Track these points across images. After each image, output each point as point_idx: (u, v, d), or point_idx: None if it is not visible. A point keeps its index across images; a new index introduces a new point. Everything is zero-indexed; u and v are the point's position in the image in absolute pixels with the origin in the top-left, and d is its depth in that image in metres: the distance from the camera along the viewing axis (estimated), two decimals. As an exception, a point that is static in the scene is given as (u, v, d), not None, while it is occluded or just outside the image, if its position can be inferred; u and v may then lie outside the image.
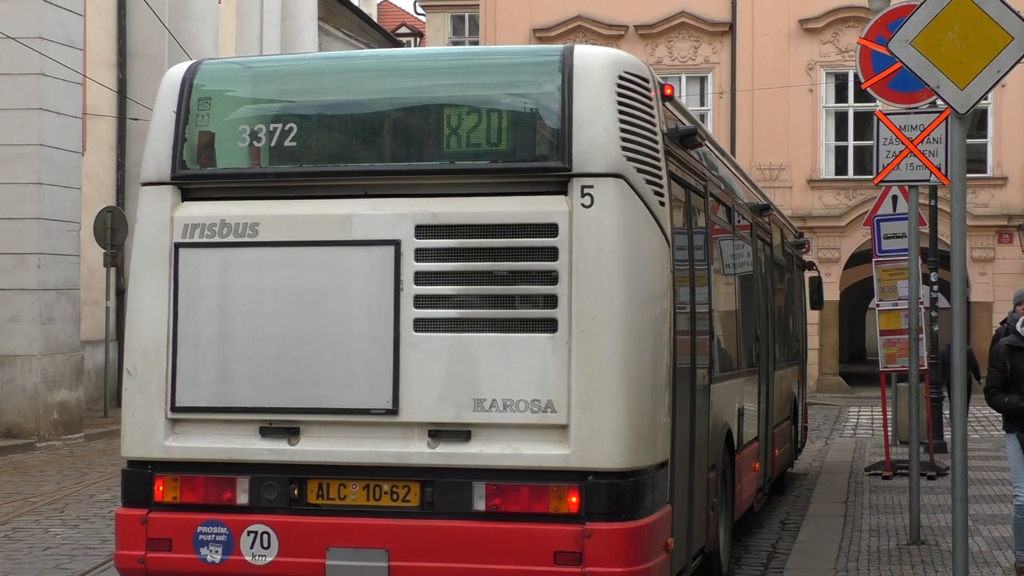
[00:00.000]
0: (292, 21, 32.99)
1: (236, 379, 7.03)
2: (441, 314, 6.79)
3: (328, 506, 6.90)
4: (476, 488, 6.73)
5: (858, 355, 52.13)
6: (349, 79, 7.55)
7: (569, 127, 6.72)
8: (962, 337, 7.73)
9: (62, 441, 19.72)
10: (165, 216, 7.12)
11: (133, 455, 7.38)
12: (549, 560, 6.57)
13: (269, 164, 7.14)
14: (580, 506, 6.58)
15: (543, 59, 7.15)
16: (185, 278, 7.07)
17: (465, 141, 6.91)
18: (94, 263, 23.28)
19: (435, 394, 6.76)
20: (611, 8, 32.79)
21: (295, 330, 6.94)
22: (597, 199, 6.64)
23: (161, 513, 7.12)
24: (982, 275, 31.07)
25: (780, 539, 11.48)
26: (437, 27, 48.98)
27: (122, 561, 7.22)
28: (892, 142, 10.91)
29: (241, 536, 6.94)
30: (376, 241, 6.84)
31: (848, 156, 32.09)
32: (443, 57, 8.62)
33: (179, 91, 7.24)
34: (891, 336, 14.62)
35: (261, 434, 7.00)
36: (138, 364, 7.26)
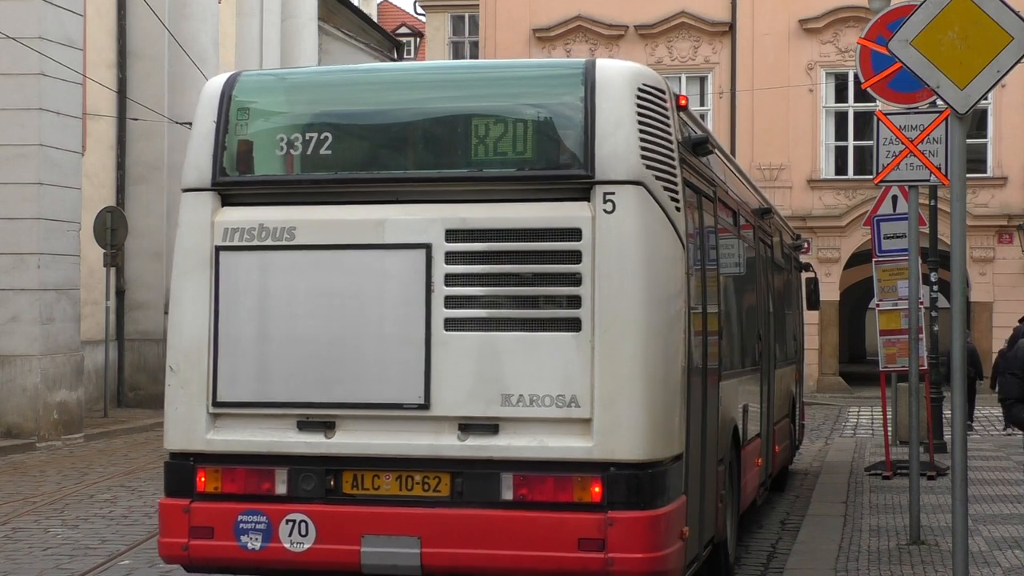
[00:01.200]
0: (292, 21, 32.99)
1: (274, 376, 7.36)
2: (470, 314, 7.13)
3: (362, 496, 7.24)
4: (504, 479, 7.06)
5: (858, 355, 52.13)
6: (381, 90, 7.91)
7: (592, 137, 7.07)
8: (962, 337, 7.74)
9: (62, 441, 19.72)
10: (206, 221, 7.48)
11: (175, 448, 7.56)
12: (573, 547, 6.90)
13: (305, 171, 7.44)
14: (602, 496, 6.91)
15: (566, 72, 7.54)
16: (225, 280, 7.43)
17: (492, 150, 7.26)
18: (94, 263, 23.27)
19: (465, 390, 7.10)
20: (611, 8, 32.79)
21: (330, 329, 7.28)
22: (619, 205, 7.00)
23: (203, 503, 7.41)
24: (982, 275, 31.07)
25: (780, 539, 11.48)
26: (437, 27, 48.97)
27: (166, 548, 7.54)
28: (892, 142, 10.91)
29: (280, 524, 7.26)
30: (408, 245, 7.18)
31: (848, 156, 32.10)
32: (471, 69, 8.98)
33: (218, 102, 7.57)
34: (891, 336, 14.61)
35: (298, 428, 7.32)
36: (180, 362, 7.50)
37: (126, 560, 10.61)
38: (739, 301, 10.57)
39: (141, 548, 11.12)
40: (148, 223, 25.52)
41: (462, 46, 48.82)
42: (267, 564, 7.41)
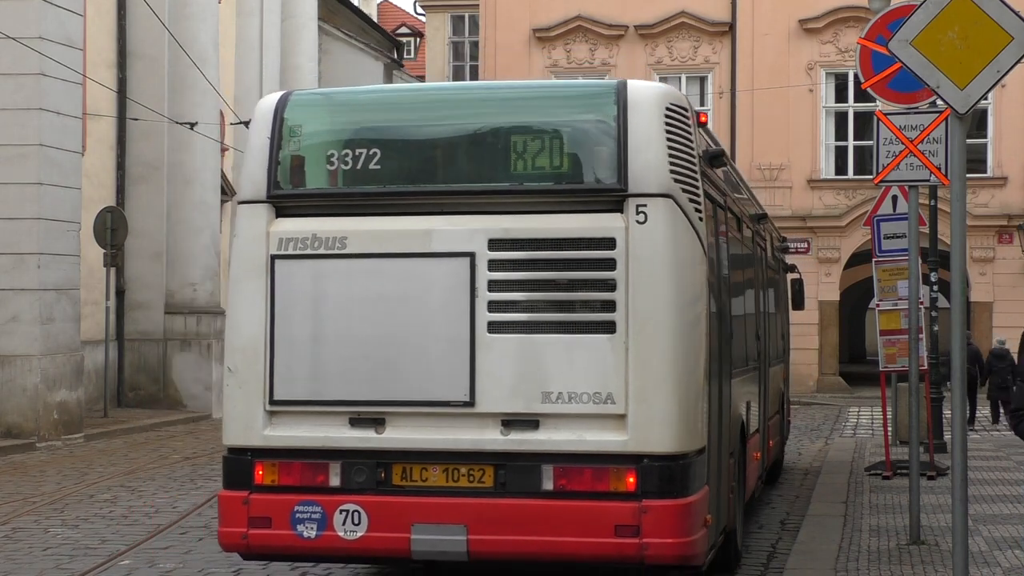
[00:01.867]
0: (292, 21, 32.98)
1: (328, 375, 7.89)
2: (512, 317, 7.70)
3: (411, 487, 7.79)
4: (544, 470, 7.63)
5: (858, 355, 52.12)
6: (425, 108, 8.50)
7: (625, 153, 7.65)
8: (962, 337, 7.74)
9: (62, 441, 19.72)
10: (261, 231, 8.00)
11: (234, 443, 8.13)
12: (610, 533, 7.48)
13: (355, 185, 7.99)
14: (637, 485, 7.50)
15: (600, 92, 8.16)
16: (281, 286, 7.93)
17: (531, 164, 7.85)
18: (94, 263, 23.27)
19: (507, 388, 7.67)
20: (611, 8, 32.79)
21: (380, 332, 7.84)
22: (650, 216, 7.59)
23: (261, 494, 7.95)
24: (982, 275, 31.07)
25: (780, 539, 11.48)
26: (437, 27, 48.96)
27: (226, 538, 8.10)
28: (892, 142, 10.91)
29: (334, 514, 7.79)
30: (453, 253, 7.76)
31: (848, 156, 32.10)
32: (509, 89, 9.65)
33: (272, 119, 8.10)
34: (891, 336, 14.61)
35: (351, 424, 7.86)
36: (238, 362, 8.01)
37: (126, 560, 10.62)
38: (744, 303, 10.96)
39: (141, 548, 11.13)
40: (148, 223, 25.51)
41: (462, 46, 48.81)
42: (322, 552, 7.97)
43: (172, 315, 25.82)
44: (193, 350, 25.60)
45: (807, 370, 31.60)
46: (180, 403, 25.33)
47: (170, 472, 16.43)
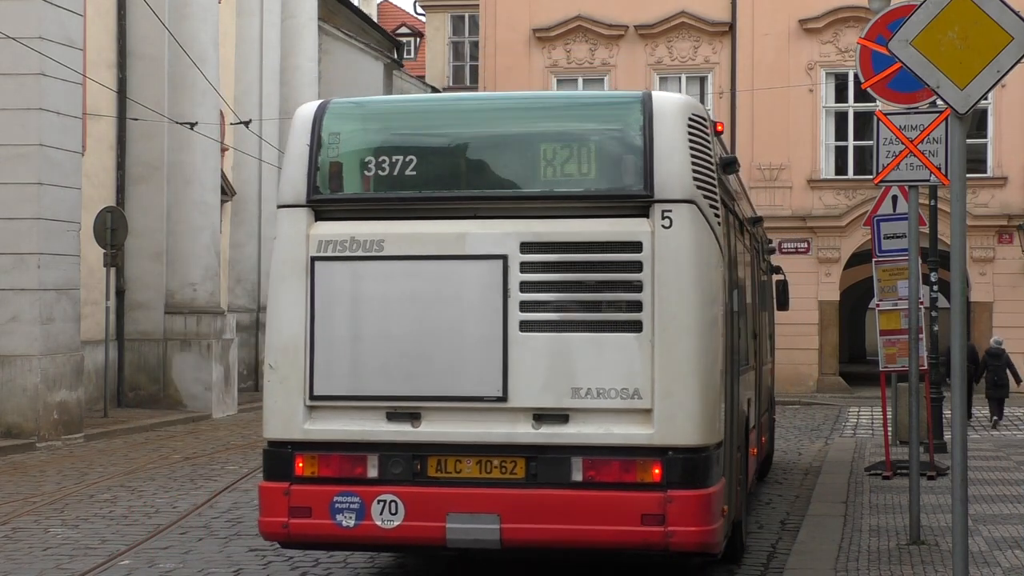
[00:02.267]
0: (292, 21, 32.98)
1: (366, 372, 8.27)
2: (543, 317, 8.10)
3: (446, 478, 8.17)
4: (574, 462, 8.02)
5: (858, 355, 52.11)
6: (458, 117, 8.96)
7: (651, 161, 8.06)
8: (962, 337, 7.73)
9: (62, 441, 19.72)
10: (301, 234, 8.41)
11: (275, 437, 8.41)
12: (637, 521, 7.90)
13: (392, 190, 8.38)
14: (662, 476, 7.91)
15: (626, 102, 8.52)
16: (320, 286, 8.32)
17: (560, 171, 8.26)
18: (94, 263, 23.26)
19: (538, 384, 8.06)
20: (611, 8, 32.78)
21: (416, 330, 8.22)
22: (675, 221, 8.00)
23: (301, 486, 8.28)
24: (982, 275, 31.07)
25: (780, 539, 11.48)
26: (437, 27, 48.96)
27: (267, 527, 8.44)
28: (892, 142, 10.91)
29: (372, 504, 8.18)
30: (487, 256, 8.14)
31: (848, 156, 32.09)
32: (539, 99, 10.42)
33: (311, 127, 8.50)
34: (891, 336, 14.60)
35: (387, 418, 8.25)
36: (279, 360, 8.38)
37: (126, 560, 10.62)
38: (745, 303, 11.26)
39: (141, 548, 11.13)
40: (148, 223, 25.50)
41: (462, 46, 48.81)
42: (360, 540, 8.34)
43: (172, 315, 25.81)
44: (193, 350, 25.59)
45: (807, 370, 31.60)
46: (180, 403, 25.32)
47: (170, 472, 16.43)
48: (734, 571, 10.12)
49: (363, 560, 10.56)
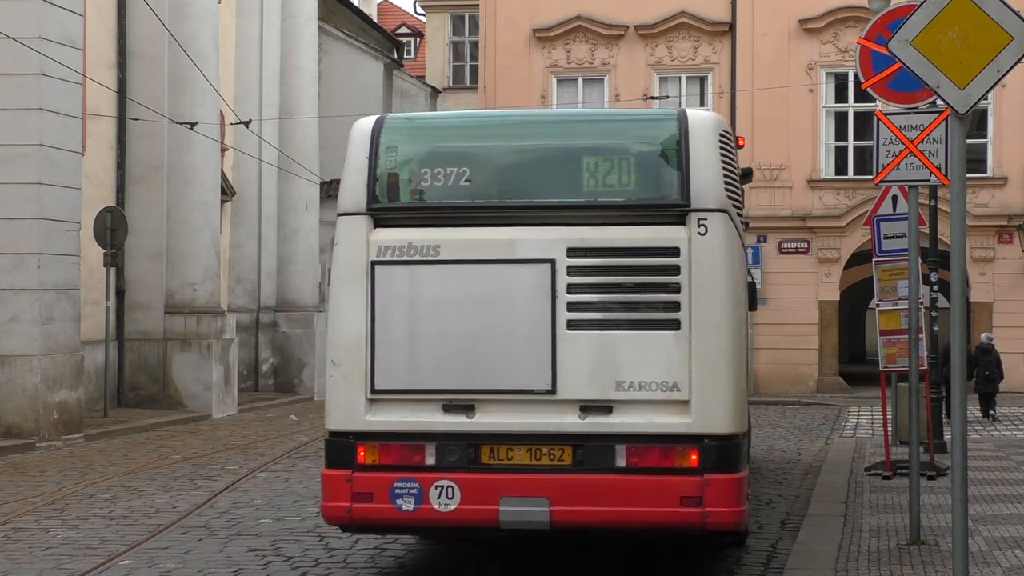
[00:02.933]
0: (292, 21, 32.97)
1: (423, 367, 8.85)
2: (588, 316, 8.71)
3: (498, 465, 8.74)
4: (618, 450, 8.65)
5: (858, 355, 52.11)
6: (508, 132, 9.72)
7: (687, 173, 8.77)
8: (962, 337, 7.74)
9: (62, 441, 19.71)
10: (362, 240, 8.97)
11: (337, 428, 8.95)
12: (676, 503, 8.53)
13: (447, 199, 9.00)
14: (699, 462, 8.54)
15: (663, 119, 9.32)
16: (380, 288, 8.89)
17: (602, 182, 8.93)
18: (94, 263, 23.26)
19: (584, 378, 8.68)
20: (611, 8, 32.79)
21: (470, 329, 8.82)
22: (710, 228, 8.69)
23: (363, 473, 8.82)
24: (982, 275, 31.07)
25: (780, 539, 11.48)
26: (437, 27, 48.96)
27: (330, 511, 8.99)
28: (892, 142, 10.90)
29: (430, 489, 8.73)
30: (536, 260, 8.77)
31: (848, 156, 32.10)
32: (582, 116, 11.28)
33: (369, 141, 9.10)
34: (891, 336, 14.59)
35: (444, 410, 8.83)
36: (342, 356, 8.93)
37: (126, 560, 10.62)
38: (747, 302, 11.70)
39: (141, 548, 11.13)
40: (148, 223, 25.49)
41: (462, 46, 48.80)
42: (419, 523, 8.90)
43: (172, 315, 25.80)
44: (193, 350, 25.59)
45: (807, 370, 31.61)
46: (180, 403, 25.32)
47: (170, 472, 16.43)
48: (734, 571, 10.14)
49: (363, 560, 10.57)
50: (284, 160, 31.08)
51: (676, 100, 32.51)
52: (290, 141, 32.04)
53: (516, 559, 10.58)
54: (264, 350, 31.76)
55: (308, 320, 32.31)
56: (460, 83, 48.32)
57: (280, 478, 15.70)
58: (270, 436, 21.39)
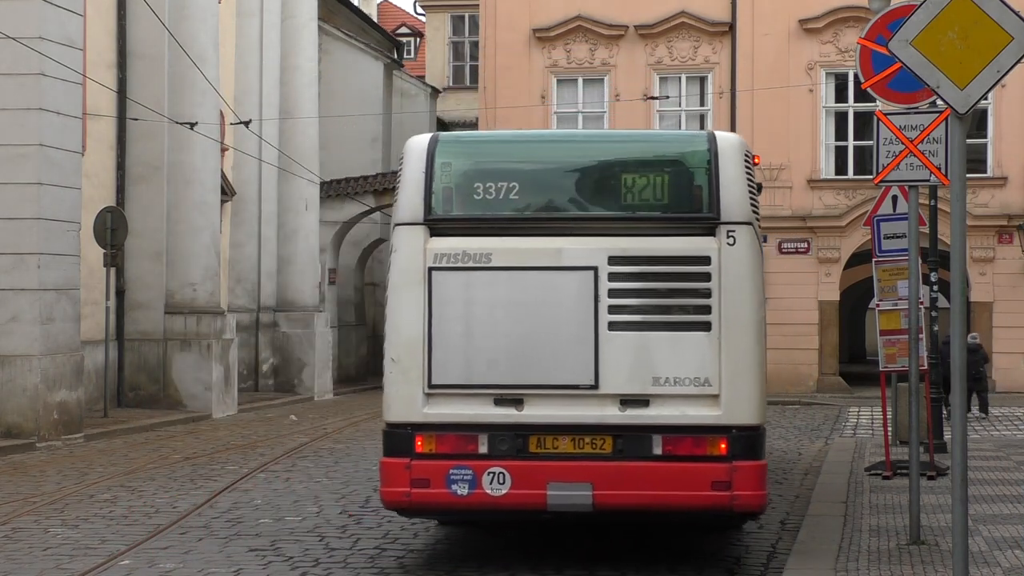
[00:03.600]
0: (292, 21, 32.95)
1: (476, 365, 9.65)
2: (628, 318, 9.56)
3: (545, 453, 9.55)
4: (655, 439, 9.49)
5: (858, 355, 52.11)
6: (554, 150, 10.59)
7: (717, 189, 9.64)
8: (962, 337, 7.73)
9: (62, 441, 19.71)
10: (419, 248, 9.73)
11: (396, 420, 9.73)
12: (708, 487, 9.40)
13: (498, 211, 9.79)
14: (728, 450, 9.42)
15: (695, 140, 10.28)
16: (436, 292, 9.67)
17: (639, 197, 9.79)
18: (94, 263, 23.25)
19: (624, 374, 9.53)
20: (611, 8, 32.78)
21: (519, 330, 9.64)
22: (738, 240, 9.57)
23: (420, 461, 9.58)
24: (982, 275, 31.07)
25: (780, 539, 11.48)
26: (437, 27, 48.96)
27: (390, 496, 9.77)
28: (892, 142, 10.90)
29: (483, 476, 9.51)
30: (580, 267, 9.61)
31: (848, 156, 32.10)
32: (620, 136, 12.20)
33: (425, 157, 9.87)
34: (891, 336, 14.59)
35: (495, 403, 9.62)
36: (401, 354, 9.71)
37: (126, 560, 10.62)
38: None
39: (141, 548, 11.13)
40: (148, 223, 25.48)
41: (462, 46, 48.80)
42: (473, 506, 9.62)
43: (172, 315, 25.79)
44: (193, 350, 25.58)
45: (807, 370, 31.61)
46: (180, 403, 25.31)
47: (170, 472, 16.43)
48: (734, 571, 10.13)
49: (363, 560, 10.57)
50: (284, 160, 31.07)
51: (676, 100, 32.53)
52: (290, 141, 32.03)
53: (516, 560, 10.58)
54: (264, 350, 31.75)
55: (308, 320, 32.30)
56: (460, 83, 48.33)
57: (280, 478, 15.70)
58: (270, 436, 21.39)
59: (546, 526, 11.40)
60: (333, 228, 35.81)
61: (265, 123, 30.23)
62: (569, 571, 10.11)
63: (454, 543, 11.32)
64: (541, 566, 10.29)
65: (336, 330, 35.65)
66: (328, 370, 32.89)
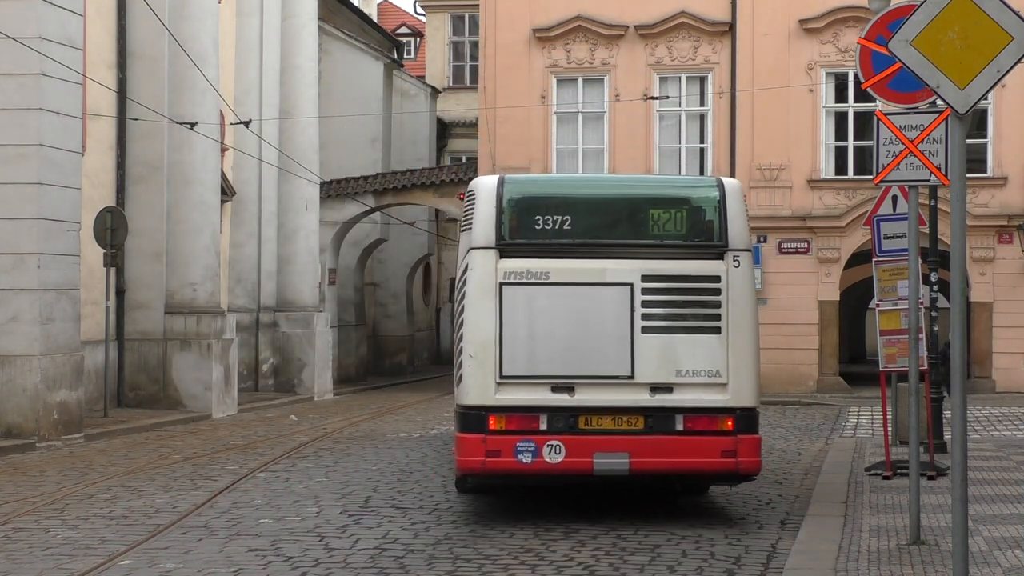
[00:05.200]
0: (292, 21, 32.95)
1: (537, 360, 12.01)
2: (656, 324, 12.04)
3: (592, 429, 11.97)
4: (677, 418, 11.97)
5: (858, 355, 52.09)
6: (598, 189, 13.25)
7: (725, 223, 12.21)
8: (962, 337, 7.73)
9: (62, 441, 19.71)
10: (492, 267, 12.08)
11: (472, 403, 11.97)
12: (719, 455, 11.97)
13: (554, 239, 12.17)
14: (734, 427, 11.98)
15: (707, 184, 12.98)
16: (506, 302, 12.03)
17: (664, 228, 12.26)
18: (94, 263, 23.26)
19: (653, 367, 12.01)
20: (611, 8, 32.77)
21: (571, 332, 12.03)
22: (741, 263, 12.15)
23: (493, 436, 11.89)
24: (982, 275, 31.05)
25: (780, 539, 11.49)
26: (437, 27, 48.96)
27: (467, 464, 12.07)
28: (892, 142, 10.90)
29: (543, 447, 11.88)
30: (619, 283, 12.07)
31: (848, 156, 32.07)
32: (650, 181, 16.01)
33: (495, 196, 12.23)
34: (891, 336, 14.59)
35: (552, 391, 11.99)
36: (478, 351, 11.98)
37: (126, 560, 10.62)
38: None
39: (141, 548, 11.13)
40: (148, 223, 25.48)
41: (462, 46, 48.80)
42: (535, 472, 11.91)
43: (172, 315, 25.79)
44: (193, 350, 25.58)
45: (807, 370, 31.60)
46: (180, 403, 25.32)
47: (170, 472, 16.43)
48: (734, 571, 10.13)
49: (363, 560, 10.57)
50: (284, 160, 31.07)
51: (676, 100, 32.52)
52: (290, 141, 32.02)
53: (516, 560, 10.58)
54: (264, 350, 31.75)
55: (308, 320, 32.29)
56: (460, 83, 48.33)
57: (280, 478, 15.70)
58: (270, 436, 21.39)
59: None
60: (333, 228, 35.81)
61: (265, 123, 30.23)
62: (568, 571, 10.11)
63: (455, 543, 11.32)
64: (541, 566, 10.30)
65: (336, 330, 35.65)
66: (328, 370, 32.89)
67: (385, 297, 42.77)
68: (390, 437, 21.10)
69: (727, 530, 11.94)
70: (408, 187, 35.81)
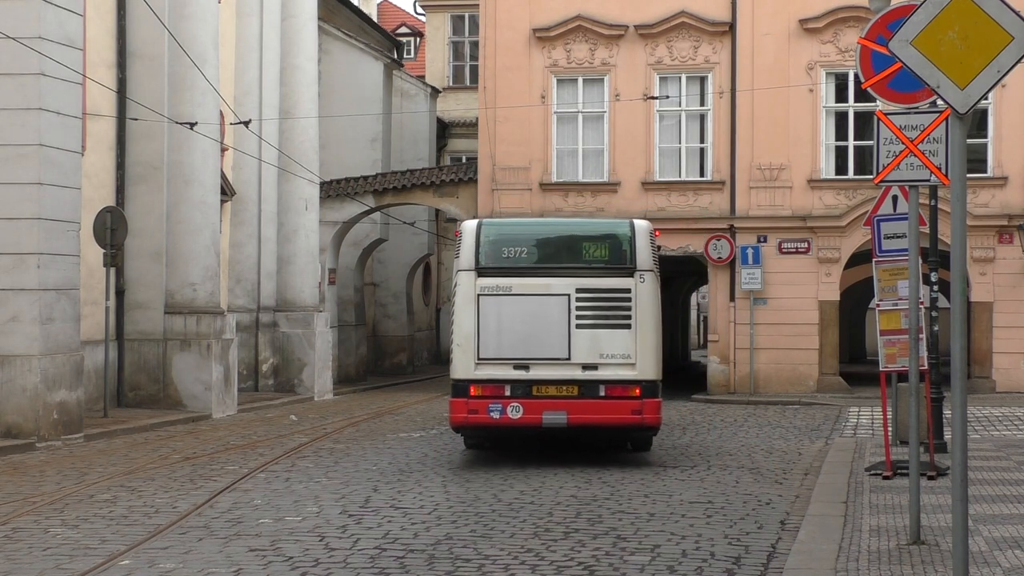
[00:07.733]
0: (292, 21, 32.95)
1: (504, 346, 16.80)
2: (586, 321, 16.82)
3: (541, 395, 16.76)
4: (601, 387, 16.74)
5: (858, 355, 52.11)
6: (546, 230, 18.45)
7: (634, 252, 17.01)
8: (962, 337, 7.73)
9: (62, 441, 19.71)
10: (472, 283, 16.91)
11: (460, 377, 16.86)
12: (629, 413, 16.71)
13: (515, 263, 17.08)
14: (640, 392, 16.72)
15: (622, 225, 17.53)
16: (482, 307, 16.86)
17: (592, 255, 17.13)
18: (94, 263, 23.26)
19: (584, 352, 16.76)
20: (611, 8, 32.77)
21: (527, 327, 16.80)
22: (646, 280, 16.93)
23: (473, 400, 16.80)
24: (982, 275, 31.05)
25: (780, 539, 11.49)
26: (437, 27, 48.95)
27: (456, 419, 17.04)
28: (892, 142, 10.89)
29: (508, 408, 16.71)
30: (561, 294, 16.85)
31: (848, 156, 32.07)
32: (582, 224, 20.35)
33: (476, 234, 17.11)
34: (891, 336, 14.58)
35: (514, 368, 16.81)
36: (462, 342, 16.85)
37: (126, 560, 10.62)
38: None
39: (141, 548, 11.13)
40: (148, 223, 25.48)
41: (462, 46, 48.80)
42: (502, 424, 16.76)
43: (172, 315, 25.79)
44: (193, 350, 25.58)
45: (807, 370, 31.60)
46: (180, 403, 25.32)
47: (170, 472, 16.43)
48: (734, 572, 10.13)
49: (363, 560, 10.57)
50: (284, 160, 31.07)
51: (676, 100, 32.51)
52: (290, 141, 32.02)
53: (515, 560, 10.59)
54: (264, 350, 31.74)
55: (308, 320, 32.28)
56: (460, 83, 48.33)
57: (280, 478, 15.70)
58: (270, 436, 21.39)
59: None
60: (333, 228, 35.80)
61: (265, 123, 30.22)
62: (568, 571, 10.11)
63: (455, 543, 11.33)
64: (541, 566, 10.30)
65: (336, 330, 35.64)
66: (328, 370, 32.88)
67: (385, 297, 42.79)
68: (390, 437, 21.11)
69: (727, 530, 11.94)
70: (408, 187, 35.80)
